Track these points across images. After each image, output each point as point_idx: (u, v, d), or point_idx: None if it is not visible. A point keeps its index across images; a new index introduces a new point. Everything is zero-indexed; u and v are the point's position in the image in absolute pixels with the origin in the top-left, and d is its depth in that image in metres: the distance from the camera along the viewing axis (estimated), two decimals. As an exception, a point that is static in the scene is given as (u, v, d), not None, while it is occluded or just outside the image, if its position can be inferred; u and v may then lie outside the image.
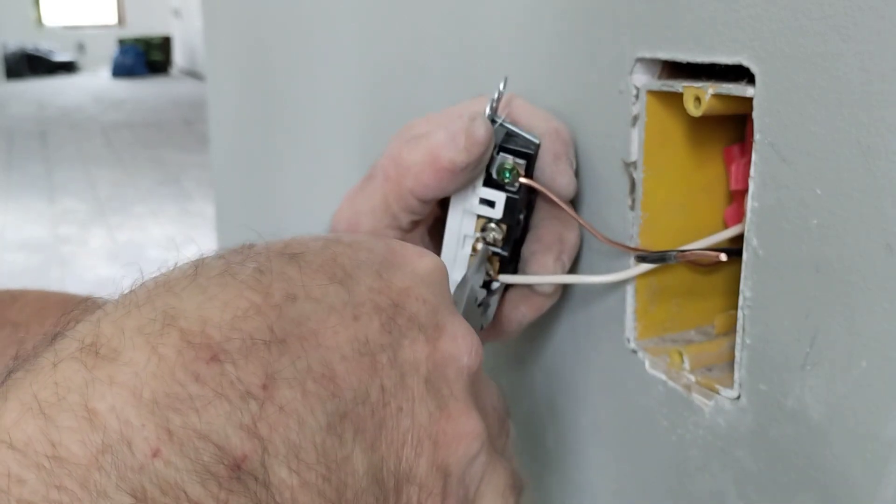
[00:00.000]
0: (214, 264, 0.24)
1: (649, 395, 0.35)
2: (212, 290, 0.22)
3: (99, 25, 10.96)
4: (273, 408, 0.21)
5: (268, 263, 0.24)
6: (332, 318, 0.24)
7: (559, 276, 0.36)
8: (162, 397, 0.20)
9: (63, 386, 0.19)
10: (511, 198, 0.34)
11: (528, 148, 0.34)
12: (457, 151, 0.32)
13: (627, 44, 0.33)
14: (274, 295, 0.23)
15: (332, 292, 0.24)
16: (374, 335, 0.24)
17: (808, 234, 0.26)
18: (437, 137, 0.32)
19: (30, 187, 4.13)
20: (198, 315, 0.21)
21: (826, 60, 0.25)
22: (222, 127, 1.20)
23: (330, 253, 0.26)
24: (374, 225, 0.35)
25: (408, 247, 0.28)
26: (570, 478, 0.43)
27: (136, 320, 0.21)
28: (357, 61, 0.65)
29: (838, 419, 0.26)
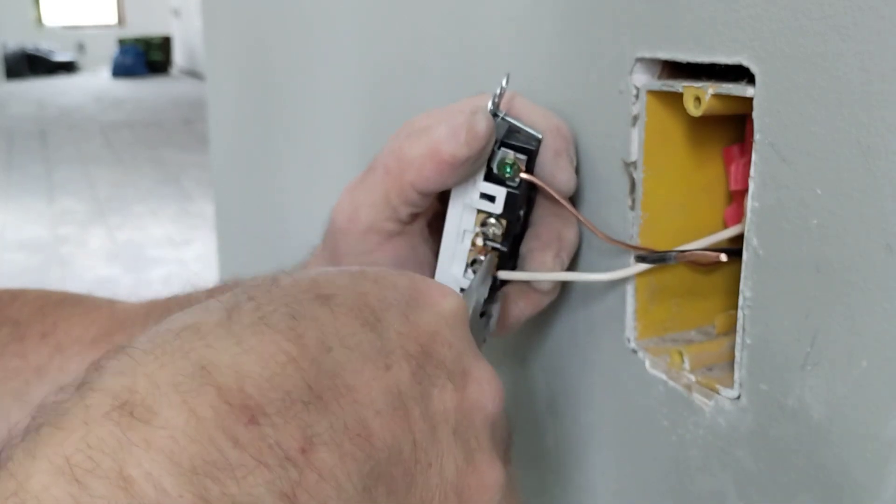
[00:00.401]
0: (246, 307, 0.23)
1: (649, 395, 0.35)
2: (247, 340, 0.22)
3: (99, 25, 10.97)
4: (312, 474, 0.20)
5: (299, 307, 0.23)
6: (367, 370, 0.23)
7: (558, 274, 0.36)
8: (200, 464, 0.19)
9: (97, 449, 0.18)
10: (511, 193, 0.34)
11: (529, 143, 0.34)
12: (458, 145, 0.32)
13: (627, 44, 0.33)
14: (309, 345, 0.22)
15: (365, 340, 0.24)
16: (406, 385, 0.24)
17: (808, 234, 0.26)
18: (439, 131, 0.33)
19: (29, 187, 4.13)
20: (234, 370, 0.21)
21: (826, 60, 0.25)
22: (222, 127, 1.20)
23: (359, 292, 0.25)
24: (374, 218, 0.35)
25: (430, 284, 0.28)
26: (570, 478, 0.43)
27: (170, 374, 0.20)
28: (357, 61, 0.65)
29: (838, 419, 0.26)
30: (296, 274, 0.26)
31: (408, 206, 0.35)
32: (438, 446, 0.24)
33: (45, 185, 4.18)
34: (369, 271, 0.27)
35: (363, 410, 0.22)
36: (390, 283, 0.27)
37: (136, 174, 4.42)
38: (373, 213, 0.35)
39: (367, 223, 0.35)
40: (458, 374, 0.26)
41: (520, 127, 0.35)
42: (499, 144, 0.34)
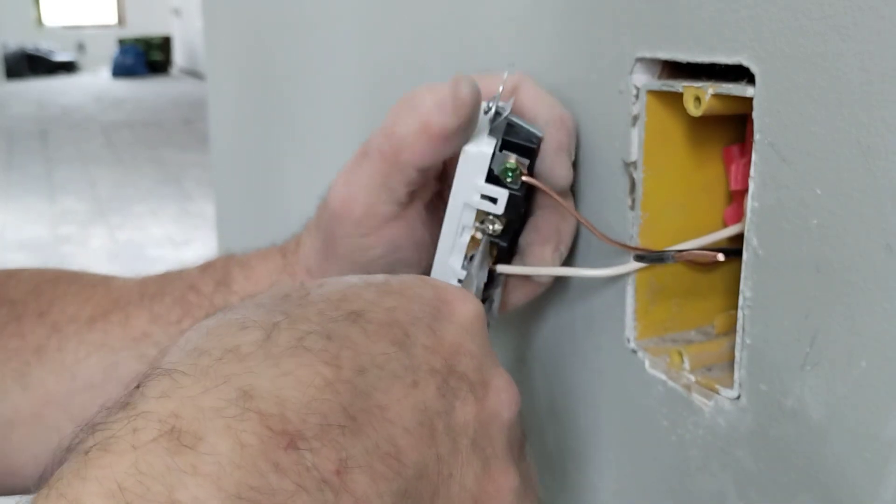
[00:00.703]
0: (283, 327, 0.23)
1: (649, 395, 0.35)
2: (286, 363, 0.22)
3: (99, 25, 10.97)
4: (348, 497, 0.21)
5: (333, 326, 0.24)
6: (396, 388, 0.24)
7: (558, 269, 0.36)
8: (245, 489, 0.19)
9: (146, 475, 0.19)
10: (513, 195, 0.34)
11: (530, 143, 0.34)
12: (446, 116, 0.32)
13: (627, 44, 0.33)
14: (344, 367, 0.23)
15: (395, 358, 0.24)
16: (432, 401, 0.25)
17: (808, 234, 0.26)
18: (425, 104, 0.32)
19: (30, 187, 4.13)
20: (275, 396, 0.21)
21: (826, 60, 0.25)
22: (222, 126, 1.20)
23: (387, 307, 0.26)
24: (372, 202, 0.35)
25: (451, 291, 0.29)
26: (570, 478, 0.43)
27: (213, 400, 0.21)
28: (357, 61, 0.65)
29: (838, 419, 0.26)
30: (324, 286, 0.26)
31: (406, 186, 0.35)
32: (459, 457, 0.25)
33: (45, 184, 4.18)
34: (394, 282, 0.27)
35: (393, 430, 0.23)
36: (415, 295, 0.27)
37: (136, 174, 4.42)
38: (370, 196, 0.35)
39: (364, 207, 0.35)
40: (479, 385, 0.27)
41: (520, 123, 0.35)
42: (500, 145, 0.34)
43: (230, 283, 0.39)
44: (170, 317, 0.38)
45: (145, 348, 0.38)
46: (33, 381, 0.38)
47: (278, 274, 0.39)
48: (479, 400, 0.26)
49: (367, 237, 0.35)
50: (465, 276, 0.36)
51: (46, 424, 0.38)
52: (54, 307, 0.40)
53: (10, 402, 0.38)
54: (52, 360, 0.38)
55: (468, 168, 0.34)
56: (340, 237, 0.35)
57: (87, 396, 0.38)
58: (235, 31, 1.04)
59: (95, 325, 0.39)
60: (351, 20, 0.65)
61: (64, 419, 0.38)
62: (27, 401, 0.38)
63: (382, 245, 0.35)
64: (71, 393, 0.38)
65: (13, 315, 0.40)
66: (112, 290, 0.41)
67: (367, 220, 0.35)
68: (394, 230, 0.35)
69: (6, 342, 0.39)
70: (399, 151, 0.33)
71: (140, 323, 0.38)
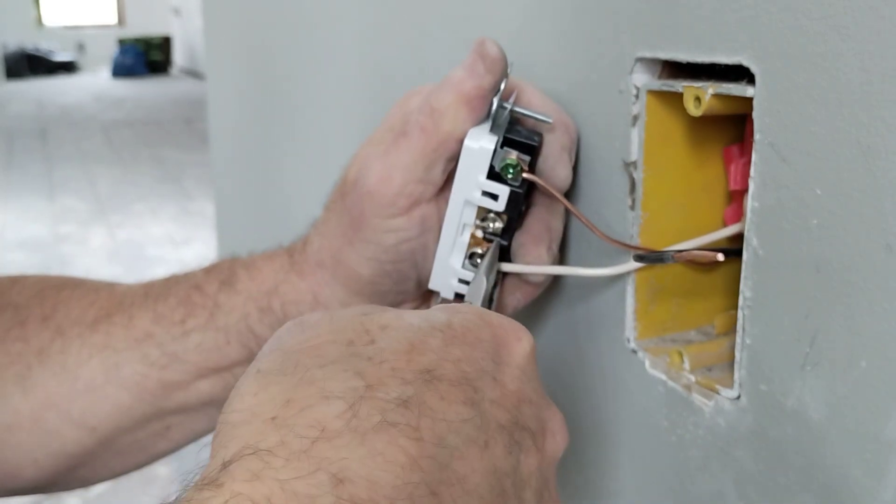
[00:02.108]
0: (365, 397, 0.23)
1: (649, 395, 0.35)
2: (371, 442, 0.22)
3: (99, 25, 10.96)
4: None
5: (410, 391, 0.23)
6: (472, 453, 0.24)
7: (561, 268, 0.37)
8: None
9: None
10: (515, 192, 0.34)
11: (531, 140, 0.34)
12: (480, 77, 0.33)
13: (627, 44, 0.33)
14: (425, 440, 0.23)
15: (469, 420, 0.24)
16: (500, 461, 0.25)
17: (808, 234, 0.26)
18: (457, 74, 0.34)
19: (30, 186, 4.13)
20: (366, 479, 0.21)
21: (826, 60, 0.25)
22: (222, 126, 1.20)
23: (454, 359, 0.25)
24: (408, 179, 0.34)
25: (506, 327, 0.28)
26: (569, 478, 0.43)
27: (307, 487, 0.20)
28: (357, 60, 0.65)
29: (838, 419, 0.26)
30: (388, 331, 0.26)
31: (445, 163, 0.35)
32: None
33: (45, 184, 4.18)
34: (457, 326, 0.27)
35: (470, 500, 0.23)
36: (477, 340, 0.27)
37: (136, 173, 4.42)
38: (407, 175, 0.34)
39: (400, 185, 0.34)
40: (539, 433, 0.27)
41: (526, 113, 0.35)
42: (501, 141, 0.34)
43: (234, 282, 0.39)
44: (173, 317, 0.38)
45: (148, 349, 0.38)
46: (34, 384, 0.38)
47: (285, 273, 0.38)
48: (539, 450, 0.27)
49: (399, 217, 0.35)
50: (465, 275, 0.36)
51: (46, 428, 0.38)
52: (58, 311, 0.40)
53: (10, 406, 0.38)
54: (55, 362, 0.38)
55: (469, 164, 0.34)
56: (371, 216, 0.35)
57: (87, 399, 0.38)
58: (235, 31, 1.04)
59: (99, 326, 0.39)
60: (351, 20, 0.65)
61: (64, 423, 0.38)
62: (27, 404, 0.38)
63: (413, 227, 0.35)
64: (72, 395, 0.38)
65: (17, 319, 0.40)
66: (116, 293, 0.41)
67: (401, 199, 0.35)
68: (425, 211, 0.35)
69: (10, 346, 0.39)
70: (440, 123, 0.34)
71: (143, 323, 0.38)
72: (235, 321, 0.38)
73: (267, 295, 0.38)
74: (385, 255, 0.36)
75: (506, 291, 0.38)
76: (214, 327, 0.38)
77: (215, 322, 0.38)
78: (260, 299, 0.38)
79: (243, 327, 0.38)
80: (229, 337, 0.38)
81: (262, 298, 0.38)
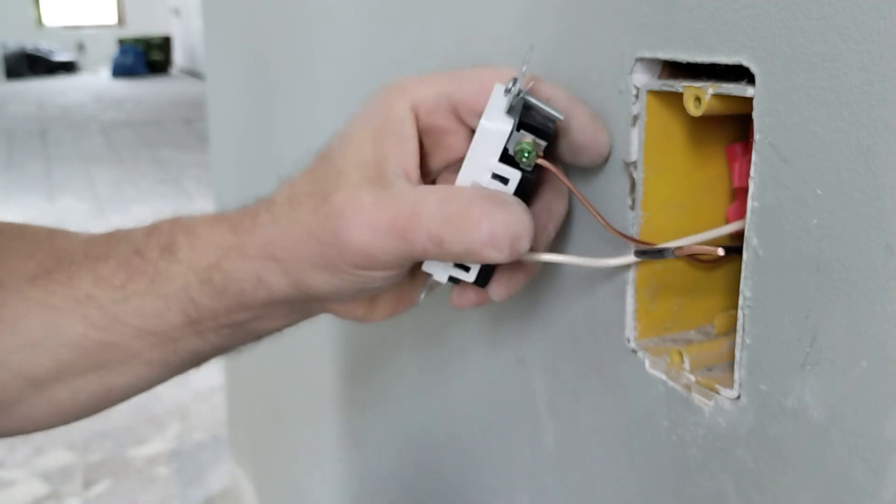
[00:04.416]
0: None
1: (649, 395, 0.35)
2: None
3: (99, 25, 10.96)
4: None
5: None
6: None
7: (558, 256, 0.35)
8: None
9: None
10: (526, 177, 0.33)
11: (546, 126, 0.33)
12: (499, 254, 0.32)
13: (627, 44, 0.33)
14: None
15: None
16: None
17: (808, 234, 0.26)
18: (481, 236, 0.31)
19: (30, 186, 4.13)
20: None
21: (826, 60, 0.25)
22: (222, 126, 1.20)
23: None
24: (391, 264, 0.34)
25: None
26: (570, 478, 0.43)
27: None
28: (357, 60, 0.65)
29: (838, 419, 0.26)
30: None
31: None
32: None
33: (45, 184, 4.18)
34: None
35: None
36: None
37: (136, 173, 4.41)
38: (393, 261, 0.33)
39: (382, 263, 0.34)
40: None
41: (539, 105, 0.33)
42: (517, 125, 0.33)
43: (175, 250, 0.38)
44: (113, 280, 0.38)
45: (89, 310, 0.38)
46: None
47: (225, 249, 0.37)
48: None
49: (378, 272, 0.34)
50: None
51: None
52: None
53: None
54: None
55: (483, 144, 0.33)
56: (344, 265, 0.34)
57: (26, 354, 0.37)
58: (235, 31, 1.04)
59: (38, 282, 0.38)
60: (351, 20, 0.65)
61: (5, 374, 0.38)
62: None
63: (386, 279, 0.35)
64: (10, 349, 0.37)
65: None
66: (56, 248, 0.40)
67: (381, 266, 0.34)
68: (402, 270, 0.35)
69: None
70: (441, 256, 0.33)
71: (83, 284, 0.38)
72: (175, 290, 0.37)
73: (208, 269, 0.37)
74: (348, 288, 0.35)
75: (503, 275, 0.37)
76: (154, 294, 0.37)
77: (155, 289, 0.37)
78: (201, 272, 0.37)
79: (183, 296, 0.37)
80: (169, 304, 0.38)
81: (202, 271, 0.37)
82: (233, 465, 1.47)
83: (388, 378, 0.70)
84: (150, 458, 1.67)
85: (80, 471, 1.63)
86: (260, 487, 1.30)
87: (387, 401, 0.71)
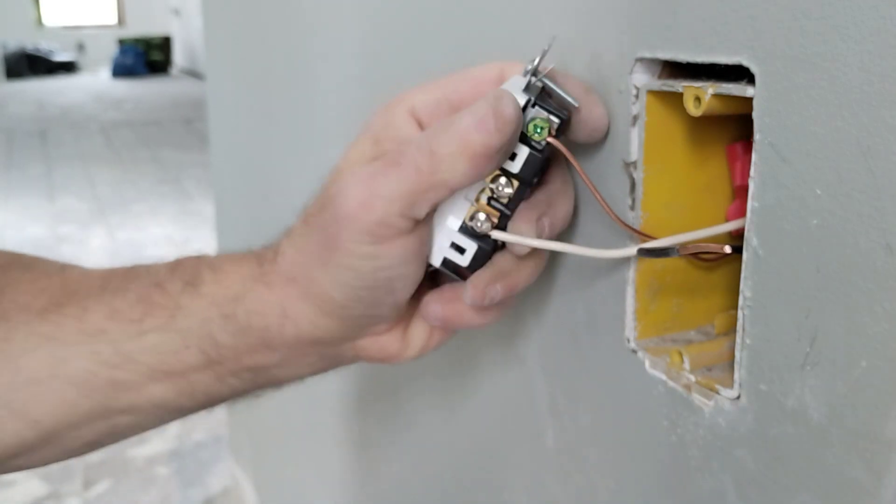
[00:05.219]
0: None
1: (649, 395, 0.35)
2: None
3: (99, 25, 10.96)
4: None
5: None
6: None
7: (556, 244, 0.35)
8: None
9: None
10: (534, 155, 0.33)
11: (561, 112, 0.33)
12: (488, 134, 0.31)
13: (627, 44, 0.33)
14: None
15: None
16: None
17: (808, 234, 0.26)
18: (465, 121, 0.31)
19: (30, 186, 4.13)
20: None
21: (826, 60, 0.25)
22: (222, 126, 1.20)
23: None
24: (390, 211, 0.32)
25: None
26: (570, 478, 0.43)
27: None
28: (357, 61, 0.65)
29: (838, 419, 0.26)
30: None
31: (432, 204, 0.33)
32: None
33: (45, 184, 4.18)
34: None
35: None
36: None
37: (136, 173, 4.41)
38: (390, 207, 0.32)
39: (380, 216, 0.32)
40: None
41: (556, 91, 0.33)
42: (533, 103, 0.32)
43: (199, 284, 0.36)
44: (131, 314, 0.36)
45: (99, 345, 0.36)
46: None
47: (252, 282, 0.36)
48: None
49: (378, 245, 0.33)
50: (460, 239, 0.35)
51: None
52: (5, 295, 0.37)
53: None
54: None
55: None
56: (346, 241, 0.33)
57: (30, 391, 0.35)
58: (235, 31, 1.04)
59: (48, 316, 0.36)
60: (350, 20, 0.65)
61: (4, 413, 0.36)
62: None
63: (391, 257, 0.33)
64: (12, 387, 0.35)
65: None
66: (70, 281, 0.38)
67: (381, 229, 0.33)
68: (407, 243, 0.34)
69: None
70: (437, 171, 0.32)
71: (97, 318, 0.36)
72: (197, 325, 0.36)
73: (232, 302, 0.36)
74: (359, 282, 0.34)
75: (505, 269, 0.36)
76: (174, 329, 0.36)
77: (175, 324, 0.36)
78: (224, 305, 0.36)
79: (204, 333, 0.36)
80: (188, 341, 0.36)
81: (226, 305, 0.36)
82: (233, 465, 1.47)
83: (388, 378, 0.70)
84: (150, 458, 1.67)
85: (80, 471, 1.63)
86: (260, 487, 1.30)
87: (386, 400, 0.71)
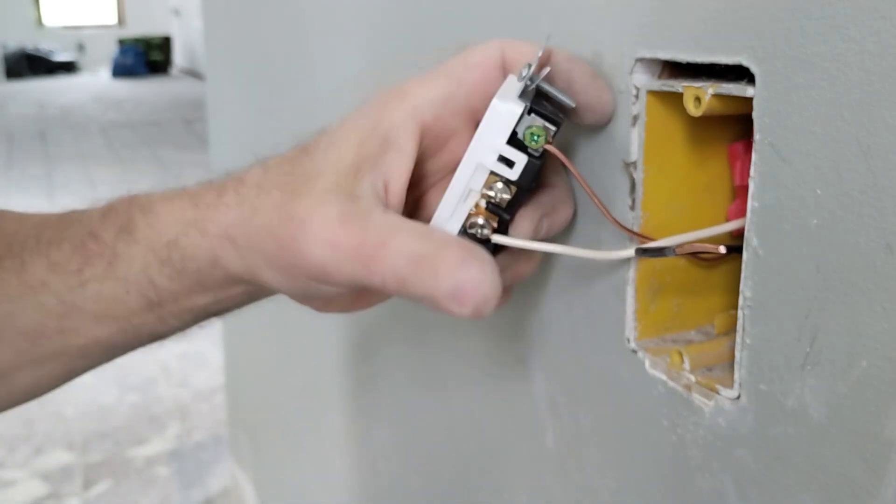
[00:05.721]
0: None
1: (649, 395, 0.35)
2: None
3: (99, 25, 10.96)
4: None
5: None
6: None
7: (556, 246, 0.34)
8: None
9: None
10: (532, 162, 0.33)
11: (557, 115, 0.33)
12: (460, 309, 0.30)
13: (627, 44, 0.33)
14: None
15: None
16: None
17: (808, 234, 0.26)
18: (445, 285, 0.29)
19: (30, 187, 4.13)
20: None
21: (826, 60, 0.25)
22: (222, 126, 1.20)
23: None
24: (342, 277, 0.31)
25: None
26: (570, 478, 0.43)
27: None
28: (357, 61, 0.65)
29: (838, 419, 0.26)
30: None
31: None
32: None
33: (45, 184, 4.18)
34: None
35: None
36: None
37: (135, 173, 4.41)
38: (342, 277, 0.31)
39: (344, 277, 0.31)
40: None
41: (551, 92, 0.33)
42: (528, 109, 0.32)
43: (133, 230, 0.36)
44: (69, 266, 0.36)
45: (44, 297, 0.36)
46: None
47: (186, 226, 0.35)
48: None
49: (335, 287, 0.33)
50: None
51: None
52: None
53: None
54: None
55: (492, 125, 0.32)
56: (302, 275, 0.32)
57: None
58: (235, 31, 1.04)
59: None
60: (350, 20, 0.65)
61: None
62: None
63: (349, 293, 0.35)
64: None
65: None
66: (5, 232, 0.38)
67: (336, 288, 0.33)
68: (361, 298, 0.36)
69: None
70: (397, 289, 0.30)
71: (37, 270, 0.36)
72: (135, 272, 0.36)
73: (167, 247, 0.36)
74: (305, 293, 0.34)
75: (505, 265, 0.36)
76: (113, 277, 0.36)
77: (114, 272, 0.36)
78: (160, 251, 0.36)
79: (143, 278, 0.36)
80: (129, 287, 0.36)
81: (162, 250, 0.36)
82: (233, 465, 1.47)
83: (388, 378, 0.70)
84: (150, 459, 1.67)
85: (79, 471, 1.63)
86: (260, 487, 1.30)
87: (387, 400, 0.71)
